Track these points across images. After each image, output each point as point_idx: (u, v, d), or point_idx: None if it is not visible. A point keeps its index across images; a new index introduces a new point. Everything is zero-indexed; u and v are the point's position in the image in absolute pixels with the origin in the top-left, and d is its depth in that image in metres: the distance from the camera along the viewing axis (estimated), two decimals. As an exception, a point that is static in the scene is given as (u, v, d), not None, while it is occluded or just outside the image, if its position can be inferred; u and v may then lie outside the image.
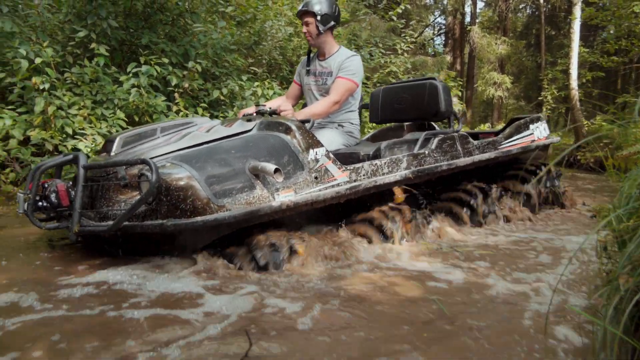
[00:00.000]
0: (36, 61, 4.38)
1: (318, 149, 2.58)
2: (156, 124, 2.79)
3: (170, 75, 5.17)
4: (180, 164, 2.22)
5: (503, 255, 2.73)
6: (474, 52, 17.42)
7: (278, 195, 2.34)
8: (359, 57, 3.27)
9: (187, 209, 2.14)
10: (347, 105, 3.34)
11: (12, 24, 4.61)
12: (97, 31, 5.06)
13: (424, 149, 3.17)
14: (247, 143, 2.46)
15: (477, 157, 3.47)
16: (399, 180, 2.92)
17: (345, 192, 2.62)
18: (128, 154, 2.53)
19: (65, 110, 4.56)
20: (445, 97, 3.38)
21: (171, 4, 5.92)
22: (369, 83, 8.93)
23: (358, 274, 2.33)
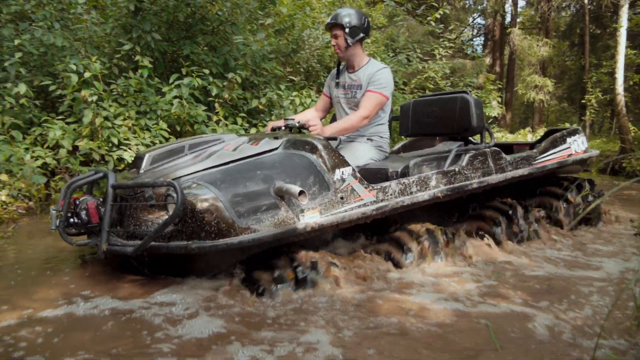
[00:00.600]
0: (85, 75, 4.56)
1: (344, 168, 2.54)
2: (184, 141, 2.79)
3: (210, 85, 5.29)
4: (205, 185, 2.23)
5: (540, 279, 2.66)
6: (514, 54, 17.04)
7: (303, 216, 2.32)
8: (389, 70, 3.23)
9: (211, 231, 2.16)
10: (376, 119, 3.28)
11: (62, 39, 4.83)
12: (142, 44, 5.23)
13: (455, 166, 3.07)
14: (273, 163, 2.45)
15: (509, 174, 3.36)
16: (427, 199, 2.85)
17: (371, 213, 2.57)
18: (156, 171, 2.55)
19: (111, 120, 4.74)
20: (477, 111, 3.27)
21: (212, 14, 6.06)
22: (406, 89, 8.89)
23: (393, 296, 2.33)
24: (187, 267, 2.44)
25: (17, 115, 4.64)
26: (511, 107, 18.21)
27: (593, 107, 14.23)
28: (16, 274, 2.68)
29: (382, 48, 8.66)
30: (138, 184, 2.33)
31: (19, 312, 2.12)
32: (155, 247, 2.21)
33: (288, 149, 2.57)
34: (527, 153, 3.58)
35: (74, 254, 2.97)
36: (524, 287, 2.50)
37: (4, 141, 4.42)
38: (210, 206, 2.16)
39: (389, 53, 8.84)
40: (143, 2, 5.14)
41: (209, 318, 2.03)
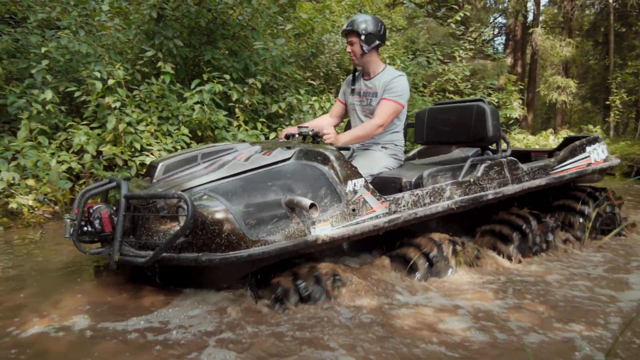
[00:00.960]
0: (109, 82, 4.65)
1: (357, 179, 2.53)
2: (197, 150, 2.79)
3: (231, 90, 5.34)
4: (216, 197, 2.24)
5: (561, 295, 2.60)
6: (536, 54, 16.80)
7: (314, 228, 2.32)
8: (405, 77, 3.19)
9: (222, 243, 2.16)
10: (391, 127, 3.26)
11: (87, 46, 4.93)
12: (164, 50, 5.31)
13: (470, 176, 3.04)
14: (284, 174, 2.45)
15: (526, 184, 3.31)
16: (441, 211, 2.82)
17: (383, 225, 2.56)
18: (169, 181, 2.56)
19: (134, 126, 4.83)
20: (494, 121, 3.22)
21: (232, 19, 6.11)
22: (425, 91, 8.85)
23: (411, 308, 2.34)
24: (199, 279, 2.46)
25: (43, 121, 4.75)
26: (533, 108, 17.98)
27: (617, 108, 13.97)
28: (43, 280, 2.75)
29: (401, 50, 8.64)
30: (149, 195, 2.35)
31: (46, 320, 2.18)
32: (166, 258, 2.22)
33: (300, 159, 2.56)
34: (545, 162, 3.53)
35: (98, 260, 3.04)
36: (545, 302, 2.48)
37: (31, 147, 4.53)
38: (221, 218, 2.17)
39: (409, 55, 8.82)
40: (165, 9, 5.21)
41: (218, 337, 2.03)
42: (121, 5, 5.82)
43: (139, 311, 2.26)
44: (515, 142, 12.85)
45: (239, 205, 2.23)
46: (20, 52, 5.58)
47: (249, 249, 2.17)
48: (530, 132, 15.78)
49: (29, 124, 4.60)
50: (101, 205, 2.51)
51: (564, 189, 3.88)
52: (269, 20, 6.48)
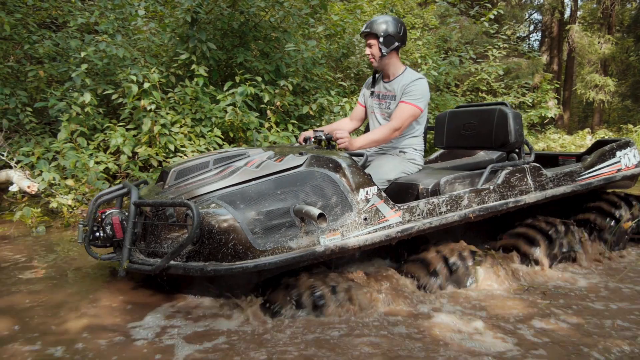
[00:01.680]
0: (145, 85, 4.77)
1: (369, 187, 2.46)
2: (210, 155, 2.74)
3: (262, 92, 5.40)
4: (224, 205, 2.21)
5: (589, 308, 2.51)
6: (573, 51, 16.35)
7: (324, 238, 2.27)
8: (425, 80, 3.09)
9: (228, 253, 2.14)
10: (410, 131, 3.18)
11: (124, 50, 5.06)
12: (197, 53, 5.40)
13: (489, 184, 2.92)
14: (295, 182, 2.40)
15: (550, 192, 3.17)
16: (457, 220, 2.72)
17: (396, 235, 2.48)
18: (180, 187, 2.53)
19: (168, 128, 4.94)
20: (516, 126, 3.11)
21: (265, 20, 6.17)
22: (458, 91, 8.74)
23: (441, 318, 2.32)
24: (206, 287, 2.47)
25: (82, 122, 4.91)
26: (569, 107, 17.52)
27: (659, 107, 13.47)
28: (82, 279, 2.86)
29: (433, 49, 8.54)
30: (157, 203, 2.33)
31: (85, 318, 2.27)
32: (173, 267, 2.21)
33: (312, 166, 2.53)
34: (571, 168, 3.38)
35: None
36: (576, 313, 2.43)
37: (71, 148, 4.69)
38: (228, 227, 2.14)
39: (441, 54, 8.72)
40: (199, 13, 5.30)
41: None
42: (156, 9, 5.94)
43: (158, 311, 2.33)
44: (550, 142, 12.57)
45: (248, 214, 2.20)
46: (61, 55, 5.77)
47: (256, 259, 2.14)
48: (567, 131, 15.39)
49: (69, 125, 4.76)
50: (114, 210, 2.52)
51: (593, 195, 3.71)
52: (301, 22, 6.52)
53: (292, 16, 6.14)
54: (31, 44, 5.64)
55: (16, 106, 5.10)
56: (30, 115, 5.14)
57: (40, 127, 5.38)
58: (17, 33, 5.71)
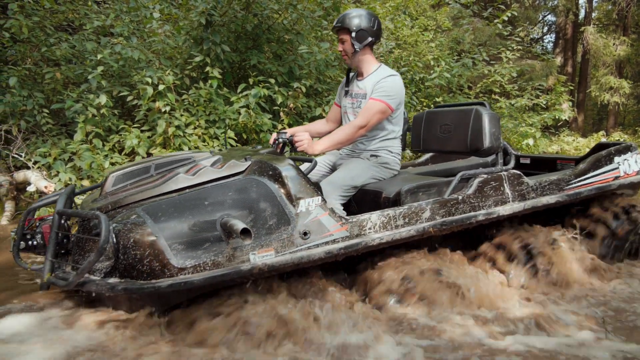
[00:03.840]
0: (159, 87, 4.81)
1: (312, 198, 2.23)
2: (152, 160, 2.57)
3: (276, 94, 5.43)
4: (144, 217, 2.03)
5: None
6: (588, 53, 16.20)
7: (254, 255, 2.06)
8: (397, 78, 2.88)
9: (143, 270, 1.96)
10: (382, 132, 2.97)
11: (139, 52, 5.12)
12: (212, 55, 5.44)
13: (459, 194, 2.65)
14: (226, 192, 2.18)
15: (531, 202, 2.86)
16: (415, 235, 2.45)
17: (338, 252, 2.25)
18: (117, 194, 2.37)
19: (183, 129, 4.97)
20: (492, 129, 2.82)
21: (278, 22, 6.20)
22: (470, 93, 8.69)
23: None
24: (128, 303, 2.25)
25: (97, 124, 4.96)
26: (584, 110, 17.36)
27: (676, 109, 13.29)
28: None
29: (446, 52, 8.52)
30: (72, 214, 2.18)
31: (105, 315, 2.27)
32: (88, 283, 2.03)
33: (253, 173, 2.31)
34: (558, 176, 3.05)
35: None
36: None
37: (86, 149, 4.74)
38: (144, 242, 1.97)
39: (454, 56, 8.69)
40: (214, 16, 5.34)
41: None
42: (171, 12, 6.00)
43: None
44: (564, 144, 12.46)
45: (169, 227, 2.00)
46: (77, 58, 5.84)
47: (171, 278, 1.95)
48: (581, 134, 15.24)
49: (85, 126, 4.81)
50: (49, 218, 2.38)
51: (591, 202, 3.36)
52: (313, 24, 6.53)
53: (305, 18, 6.16)
54: (48, 47, 5.72)
55: (33, 108, 5.17)
56: (46, 117, 5.21)
57: (57, 129, 5.45)
58: (34, 36, 5.78)
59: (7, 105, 4.96)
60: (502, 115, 8.27)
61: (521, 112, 8.75)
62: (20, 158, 4.87)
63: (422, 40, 8.30)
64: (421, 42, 8.26)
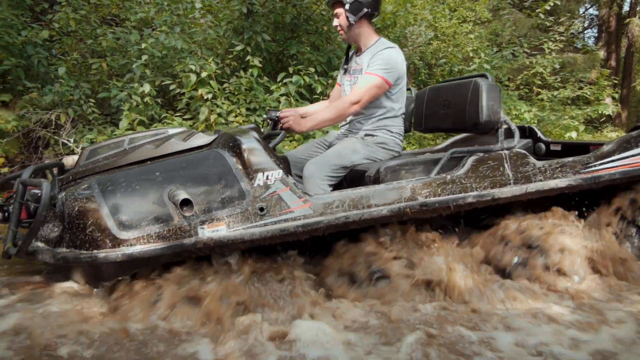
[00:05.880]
0: (202, 75, 4.89)
1: (271, 172, 2.10)
2: (128, 135, 2.51)
3: (315, 83, 5.43)
4: (93, 187, 1.99)
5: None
6: (633, 46, 15.63)
7: (203, 229, 1.97)
8: (395, 50, 2.66)
9: (85, 240, 1.92)
10: (381, 110, 2.72)
11: (182, 42, 5.21)
12: (252, 44, 5.49)
13: (448, 173, 2.38)
14: (181, 164, 2.10)
15: (535, 186, 2.50)
16: (387, 215, 2.22)
17: (294, 230, 2.07)
18: (87, 167, 2.31)
19: (224, 117, 5.04)
20: (490, 102, 2.56)
21: (316, 14, 6.21)
22: (510, 85, 8.50)
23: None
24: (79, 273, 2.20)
25: (141, 112, 5.07)
26: (628, 105, 16.76)
27: None
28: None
29: (485, 43, 8.37)
30: (30, 183, 2.09)
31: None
32: (37, 252, 2.00)
33: (217, 146, 2.23)
34: (575, 158, 2.68)
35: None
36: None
37: (131, 136, 4.85)
38: (87, 211, 1.93)
39: (493, 48, 8.52)
40: (254, 5, 5.39)
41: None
42: (212, 3, 6.08)
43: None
44: (607, 140, 12.04)
45: (117, 198, 1.96)
46: (122, 48, 5.99)
47: (111, 249, 1.90)
48: (625, 130, 14.72)
49: (130, 114, 4.93)
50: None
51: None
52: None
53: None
54: (94, 39, 5.88)
55: (80, 97, 5.32)
56: (92, 106, 5.36)
57: (102, 118, 5.60)
58: (81, 29, 5.97)
59: (56, 94, 5.12)
60: (544, 107, 8.06)
61: (563, 105, 8.51)
62: (69, 144, 5.02)
63: (460, 31, 8.18)
64: (460, 34, 8.13)
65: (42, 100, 5.12)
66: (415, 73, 7.47)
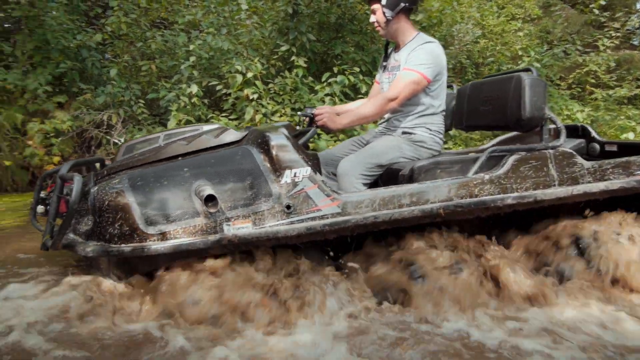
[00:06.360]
0: (248, 75, 4.93)
1: (299, 169, 2.06)
2: (164, 132, 2.52)
3: (360, 83, 5.39)
4: (124, 182, 2.01)
5: None
6: (695, 43, 14.78)
7: (229, 226, 1.96)
8: (434, 45, 2.56)
9: (114, 234, 1.95)
10: (420, 107, 2.61)
11: (229, 43, 5.28)
12: (297, 45, 5.51)
13: (487, 173, 2.26)
14: (209, 160, 2.10)
15: (581, 188, 2.31)
16: (418, 216, 2.13)
17: (321, 229, 2.02)
18: (123, 163, 2.32)
19: (269, 117, 5.06)
20: (533, 97, 2.39)
21: (361, 13, 6.17)
22: (562, 84, 8.20)
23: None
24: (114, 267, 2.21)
25: (189, 112, 5.16)
26: (688, 105, 15.86)
27: None
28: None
29: (535, 41, 8.09)
30: (68, 177, 2.12)
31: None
32: (67, 245, 2.04)
33: (247, 143, 2.20)
34: (629, 159, 2.46)
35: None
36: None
37: (179, 136, 4.94)
38: (116, 205, 1.96)
39: (543, 46, 8.23)
40: (300, 5, 5.41)
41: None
42: (257, 5, 6.14)
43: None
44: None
45: (146, 193, 1.98)
46: (171, 50, 6.14)
47: (140, 243, 1.92)
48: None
49: (178, 115, 5.03)
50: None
51: None
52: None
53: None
54: (144, 42, 6.05)
55: (130, 98, 5.48)
56: (142, 107, 5.50)
57: (151, 118, 5.74)
58: (132, 32, 6.15)
59: (108, 96, 5.29)
60: (598, 107, 7.71)
61: (619, 105, 8.13)
62: (119, 143, 5.17)
63: (509, 29, 7.94)
64: (508, 32, 7.90)
65: (95, 102, 5.30)
66: (461, 72, 7.31)
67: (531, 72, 2.46)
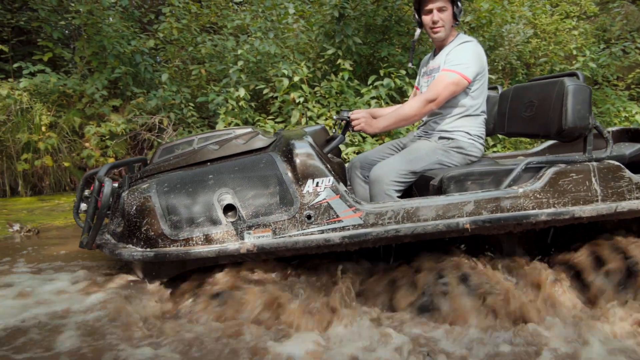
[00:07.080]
0: (294, 79, 4.98)
1: (322, 178, 2.01)
2: (199, 135, 2.53)
3: (406, 85, 5.34)
4: (151, 186, 2.05)
5: None
6: None
7: (249, 235, 1.96)
8: (472, 44, 2.43)
9: (141, 238, 2.00)
10: (460, 109, 2.48)
11: (276, 47, 5.35)
12: (343, 48, 5.51)
13: (522, 186, 2.13)
14: (233, 167, 2.10)
15: (627, 204, 2.15)
16: (443, 231, 2.04)
17: (340, 241, 1.99)
18: (159, 165, 2.36)
19: (315, 120, 5.09)
20: (576, 105, 2.20)
21: (409, 14, 6.10)
22: (620, 85, 7.83)
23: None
24: (140, 269, 2.27)
25: (236, 115, 5.27)
26: None
27: None
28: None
29: (591, 39, 7.76)
30: (97, 178, 2.23)
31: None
32: (100, 245, 2.12)
33: (273, 150, 2.20)
34: None
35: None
36: None
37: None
38: (143, 210, 2.00)
39: (600, 45, 7.89)
40: (346, 9, 5.41)
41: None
42: (304, 9, 6.19)
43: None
44: None
45: (167, 199, 2.01)
46: (220, 54, 6.28)
47: (160, 248, 1.96)
48: None
49: (226, 118, 5.13)
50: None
51: None
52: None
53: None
54: (194, 46, 6.22)
55: (180, 102, 5.64)
56: (192, 110, 5.65)
57: (200, 121, 5.89)
58: (182, 37, 6.34)
59: (159, 99, 5.46)
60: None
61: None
62: (170, 146, 5.34)
63: (563, 28, 7.66)
64: (562, 30, 7.62)
65: (147, 105, 5.48)
66: (512, 73, 7.11)
67: (577, 77, 2.30)
